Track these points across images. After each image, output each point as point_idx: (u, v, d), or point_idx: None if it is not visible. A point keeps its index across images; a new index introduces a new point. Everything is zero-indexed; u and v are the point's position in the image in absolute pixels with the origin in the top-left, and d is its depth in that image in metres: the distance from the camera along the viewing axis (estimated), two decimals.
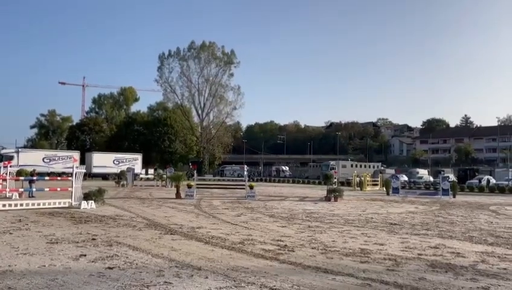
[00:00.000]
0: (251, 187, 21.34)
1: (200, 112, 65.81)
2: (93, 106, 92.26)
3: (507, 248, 8.62)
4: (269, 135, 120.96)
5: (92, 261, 6.66)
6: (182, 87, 65.19)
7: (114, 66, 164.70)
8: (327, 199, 21.11)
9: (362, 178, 37.18)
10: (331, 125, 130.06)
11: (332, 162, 59.04)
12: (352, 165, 58.95)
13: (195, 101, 65.58)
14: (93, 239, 8.69)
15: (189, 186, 21.07)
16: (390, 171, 54.71)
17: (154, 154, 66.98)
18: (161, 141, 69.45)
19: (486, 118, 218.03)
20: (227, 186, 26.02)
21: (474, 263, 7.00)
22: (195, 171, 23.86)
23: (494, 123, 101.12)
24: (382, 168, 58.85)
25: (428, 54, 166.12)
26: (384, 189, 30.71)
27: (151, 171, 51.21)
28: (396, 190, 28.70)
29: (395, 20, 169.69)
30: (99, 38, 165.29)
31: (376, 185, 37.35)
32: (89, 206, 14.68)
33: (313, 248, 8.14)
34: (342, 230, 10.78)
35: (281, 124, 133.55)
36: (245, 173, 31.79)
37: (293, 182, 51.25)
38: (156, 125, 71.12)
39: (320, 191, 25.24)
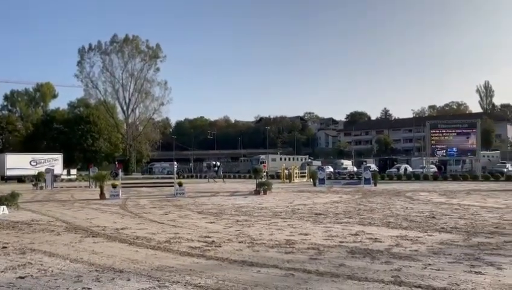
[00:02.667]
0: (180, 184, 21.00)
1: (125, 108, 63.40)
2: (5, 104, 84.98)
3: (419, 231, 9.30)
4: (199, 130, 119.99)
5: (1, 272, 6.12)
6: (105, 82, 62.37)
7: (28, 60, 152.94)
8: (256, 192, 21.39)
9: (291, 171, 38.19)
10: (260, 120, 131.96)
11: (262, 156, 60.02)
12: (281, 159, 60.41)
13: (119, 97, 63.05)
14: (4, 247, 8.01)
15: (114, 186, 20.23)
16: (317, 163, 56.96)
17: (77, 154, 63.44)
18: (83, 140, 65.91)
19: (403, 110, 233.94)
20: (156, 185, 25.36)
21: (390, 247, 7.47)
22: (120, 170, 22.93)
23: (410, 115, 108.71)
24: (309, 160, 61.01)
25: (350, 50, 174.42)
26: (311, 180, 31.82)
27: (73, 171, 48.46)
28: (322, 181, 29.83)
29: (317, 15, 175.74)
30: (9, 28, 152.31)
31: (304, 176, 38.55)
32: (0, 212, 13.51)
33: (240, 242, 8.18)
34: (269, 222, 10.97)
35: (211, 119, 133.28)
36: (174, 169, 31.14)
37: (224, 177, 51.24)
38: (78, 123, 67.31)
39: (251, 185, 25.47)
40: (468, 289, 4.91)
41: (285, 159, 59.68)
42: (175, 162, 54.94)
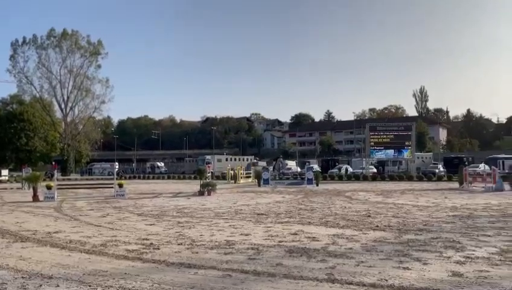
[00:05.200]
0: (120, 185, 20.32)
1: (63, 105, 60.22)
2: None
3: (355, 229, 9.65)
4: (143, 130, 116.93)
5: None
6: (41, 78, 58.90)
7: None
8: (200, 193, 21.19)
9: (236, 171, 38.24)
10: (206, 120, 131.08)
11: (207, 157, 59.58)
12: (227, 159, 60.29)
13: (57, 94, 59.81)
14: None
15: (49, 188, 19.18)
16: (263, 163, 57.48)
17: (9, 154, 59.54)
18: (16, 139, 61.99)
19: (345, 113, 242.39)
20: (95, 186, 24.35)
21: (326, 246, 7.69)
22: (55, 171, 21.78)
23: (352, 118, 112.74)
24: (255, 160, 61.41)
25: (295, 52, 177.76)
26: (256, 181, 32.05)
27: (4, 172, 45.37)
28: (267, 181, 30.14)
29: (263, 15, 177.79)
30: None
31: (249, 177, 38.73)
32: None
33: (179, 244, 8.07)
34: (211, 224, 10.90)
35: (155, 118, 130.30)
36: (115, 170, 30.10)
37: (169, 178, 50.33)
38: (10, 121, 63.16)
39: (195, 186, 25.18)
40: (395, 284, 5.16)
41: (231, 160, 59.65)
42: (116, 163, 53.16)
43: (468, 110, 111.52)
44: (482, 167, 33.03)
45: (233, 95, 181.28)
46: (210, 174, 24.91)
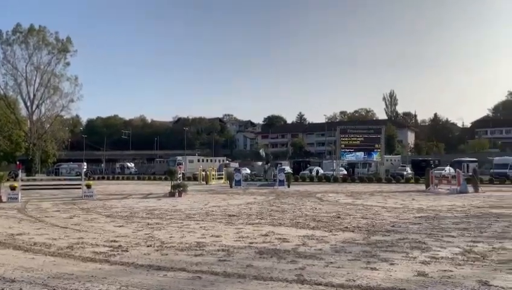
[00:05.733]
0: (88, 186, 19.86)
1: (29, 103, 58.13)
2: None
3: (325, 230, 9.77)
4: (113, 129, 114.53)
5: None
6: (6, 75, 56.69)
7: None
8: (171, 194, 20.97)
9: (208, 172, 38.03)
10: (178, 120, 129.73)
11: (179, 157, 58.99)
12: (199, 160, 59.86)
13: (22, 92, 57.59)
14: None
15: (13, 188, 18.53)
16: (235, 164, 57.43)
17: None
18: None
19: (317, 115, 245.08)
20: (61, 187, 23.65)
21: (296, 247, 7.75)
22: (20, 171, 21.04)
23: (323, 120, 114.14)
24: (227, 162, 61.26)
25: (268, 54, 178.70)
26: (228, 182, 31.98)
27: None
28: (238, 183, 30.13)
29: (236, 15, 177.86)
30: None
31: (221, 178, 38.61)
32: None
33: (148, 246, 7.95)
34: (181, 225, 10.79)
35: (126, 118, 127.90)
36: (83, 170, 29.36)
37: (139, 179, 49.56)
38: None
39: (166, 187, 24.85)
40: (362, 284, 5.25)
41: (203, 161, 59.22)
42: (84, 163, 51.78)
43: (435, 115, 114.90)
44: (448, 169, 34.12)
45: (206, 95, 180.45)
46: (181, 175, 24.60)
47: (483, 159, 51.88)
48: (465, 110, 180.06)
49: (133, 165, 70.61)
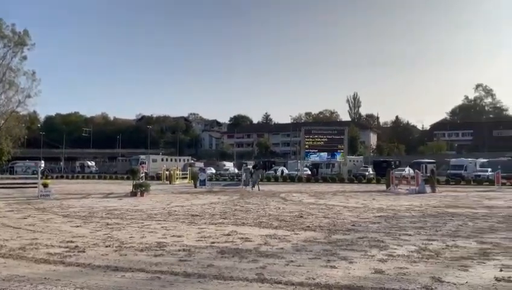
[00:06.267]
0: (45, 185, 19.13)
1: None
2: None
3: (287, 230, 9.84)
4: (73, 127, 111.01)
5: None
6: None
7: None
8: (133, 194, 20.53)
9: (172, 172, 37.54)
10: (142, 119, 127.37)
11: (142, 156, 57.96)
12: (162, 159, 59.04)
13: None
14: None
15: None
16: (200, 164, 57.01)
17: None
18: None
19: (283, 115, 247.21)
20: (15, 185, 22.67)
21: (258, 246, 7.75)
22: None
23: (289, 121, 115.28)
24: (192, 161, 60.74)
25: (233, 55, 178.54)
26: (192, 182, 31.66)
27: None
28: (203, 182, 29.88)
29: (205, 15, 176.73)
30: None
31: (185, 178, 38.20)
32: None
33: (107, 246, 7.73)
34: (142, 225, 10.57)
35: (87, 115, 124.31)
36: (40, 169, 28.27)
37: (100, 178, 48.27)
38: None
39: (128, 186, 24.33)
40: (321, 283, 5.31)
41: (166, 160, 58.43)
42: (42, 161, 49.92)
43: (397, 117, 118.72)
44: (407, 170, 35.19)
45: (171, 94, 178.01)
46: (144, 174, 24.17)
47: (440, 160, 53.96)
48: (425, 113, 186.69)
49: (93, 163, 68.67)
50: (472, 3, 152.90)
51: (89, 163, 67.57)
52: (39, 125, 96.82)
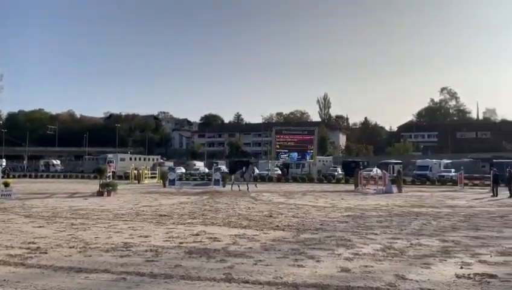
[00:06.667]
0: (6, 184, 18.42)
1: None
2: None
3: (256, 229, 9.86)
4: (38, 124, 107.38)
5: None
6: None
7: None
8: (100, 193, 20.06)
9: (140, 171, 36.92)
10: (110, 117, 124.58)
11: (110, 155, 56.74)
12: (131, 158, 58.03)
13: None
14: None
15: None
16: (170, 163, 56.36)
17: None
18: None
19: (254, 115, 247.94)
20: None
21: (227, 246, 7.73)
22: None
23: (260, 121, 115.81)
24: (161, 160, 59.96)
25: (204, 54, 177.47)
26: (162, 181, 31.25)
27: None
28: (172, 182, 29.54)
29: (178, 19, 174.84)
30: None
31: (154, 177, 37.64)
32: None
33: (71, 247, 7.52)
34: (108, 225, 10.34)
35: (52, 113, 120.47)
36: (1, 168, 27.20)
37: (66, 177, 46.92)
38: None
39: (94, 186, 23.72)
40: (289, 281, 5.35)
41: (135, 159, 57.47)
42: (3, 159, 48.09)
43: (366, 118, 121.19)
44: (375, 170, 35.95)
45: (141, 92, 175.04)
46: (111, 173, 23.64)
47: (407, 161, 55.33)
48: (394, 114, 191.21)
49: (59, 162, 66.67)
50: (437, 7, 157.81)
51: (54, 162, 65.57)
52: (1, 122, 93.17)
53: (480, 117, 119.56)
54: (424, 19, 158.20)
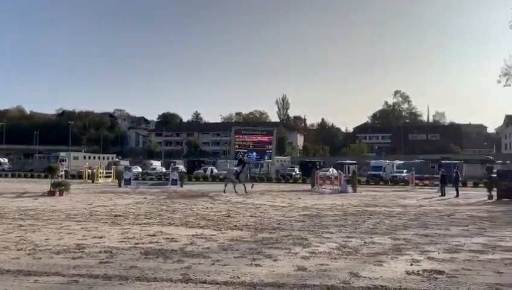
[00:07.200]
0: None
1: None
2: None
3: (214, 229, 9.82)
4: None
5: None
6: None
7: None
8: (51, 193, 19.25)
9: (94, 170, 35.78)
10: (63, 113, 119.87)
11: (62, 154, 54.60)
12: (85, 157, 56.15)
13: None
14: None
15: None
16: (125, 162, 54.94)
17: None
18: None
19: (213, 115, 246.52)
20: None
21: (184, 246, 7.65)
22: None
23: (219, 120, 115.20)
24: (117, 159, 58.43)
25: (162, 51, 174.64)
26: (117, 181, 30.45)
27: None
28: (128, 182, 28.84)
29: (136, 18, 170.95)
30: None
31: (109, 177, 36.60)
32: None
33: (19, 250, 7.18)
34: (60, 226, 9.96)
35: (0, 109, 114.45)
36: None
37: (14, 176, 44.63)
38: None
39: (45, 185, 22.74)
40: (246, 281, 5.38)
41: (89, 158, 55.65)
42: None
43: (323, 119, 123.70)
44: (331, 171, 36.77)
45: (95, 88, 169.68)
46: (63, 172, 22.76)
47: (362, 161, 57.04)
48: (349, 116, 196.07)
49: (6, 160, 63.28)
50: (400, 10, 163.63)
51: (1, 160, 62.20)
52: None
53: (431, 120, 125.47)
54: (373, 19, 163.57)
